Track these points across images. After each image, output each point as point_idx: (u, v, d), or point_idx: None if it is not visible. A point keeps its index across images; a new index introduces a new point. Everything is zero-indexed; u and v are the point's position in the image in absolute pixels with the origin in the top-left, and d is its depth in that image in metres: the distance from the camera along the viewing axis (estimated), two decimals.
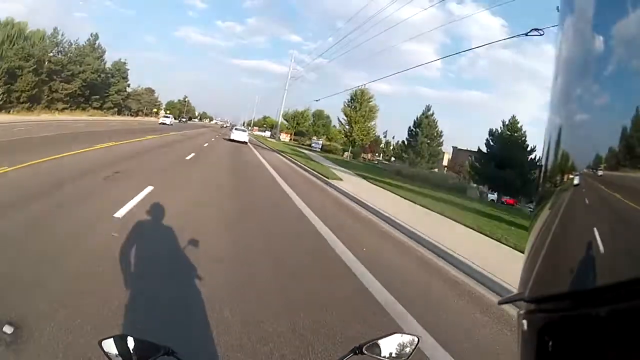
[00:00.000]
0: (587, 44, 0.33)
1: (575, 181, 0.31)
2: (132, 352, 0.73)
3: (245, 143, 25.76)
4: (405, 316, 3.31)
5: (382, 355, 0.78)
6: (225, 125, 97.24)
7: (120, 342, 0.73)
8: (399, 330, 2.37)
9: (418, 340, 0.81)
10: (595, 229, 0.28)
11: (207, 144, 21.86)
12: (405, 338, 0.81)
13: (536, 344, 0.32)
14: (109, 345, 0.72)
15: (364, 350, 0.78)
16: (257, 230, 5.55)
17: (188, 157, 13.33)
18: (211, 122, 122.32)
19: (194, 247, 3.87)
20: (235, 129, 29.93)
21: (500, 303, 0.35)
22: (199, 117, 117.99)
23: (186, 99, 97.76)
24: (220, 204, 6.86)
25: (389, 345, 0.79)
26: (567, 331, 0.29)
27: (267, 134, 65.45)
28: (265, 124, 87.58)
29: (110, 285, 2.86)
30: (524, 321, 0.35)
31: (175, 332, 2.36)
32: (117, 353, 0.72)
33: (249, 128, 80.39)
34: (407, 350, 0.79)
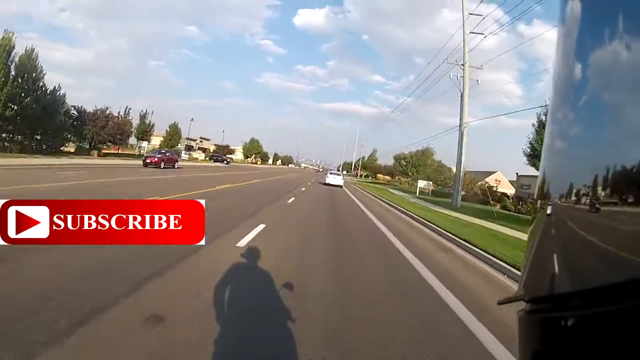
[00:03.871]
0: (568, 69, 0.33)
1: (569, 189, 0.32)
2: None
3: (341, 186, 25.25)
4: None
5: None
6: (319, 170, 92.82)
7: None
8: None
9: None
10: (592, 234, 0.29)
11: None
12: None
13: (536, 343, 0.33)
14: None
15: None
16: None
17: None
18: (295, 167, 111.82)
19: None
20: (330, 173, 29.10)
21: (499, 303, 0.44)
22: (278, 161, 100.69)
23: (253, 140, 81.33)
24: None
25: None
26: (566, 330, 0.29)
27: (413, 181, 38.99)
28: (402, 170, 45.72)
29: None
30: (524, 321, 0.35)
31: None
32: None
33: (350, 172, 75.55)
34: None
